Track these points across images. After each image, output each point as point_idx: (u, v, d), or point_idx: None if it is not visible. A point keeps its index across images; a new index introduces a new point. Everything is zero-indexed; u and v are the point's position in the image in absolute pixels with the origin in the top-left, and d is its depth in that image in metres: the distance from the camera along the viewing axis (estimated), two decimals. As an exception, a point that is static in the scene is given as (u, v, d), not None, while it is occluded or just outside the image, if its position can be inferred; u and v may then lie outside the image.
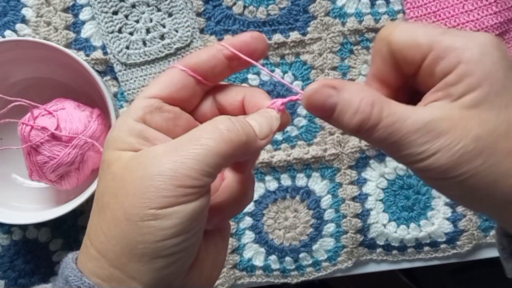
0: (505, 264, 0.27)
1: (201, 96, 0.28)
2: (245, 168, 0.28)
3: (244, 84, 0.50)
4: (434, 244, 0.51)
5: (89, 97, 0.48)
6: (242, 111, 0.27)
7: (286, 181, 0.50)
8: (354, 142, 0.50)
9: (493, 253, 0.51)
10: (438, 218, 0.50)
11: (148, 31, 0.49)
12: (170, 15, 0.49)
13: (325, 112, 0.24)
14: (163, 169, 0.22)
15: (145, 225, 0.22)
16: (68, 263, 0.24)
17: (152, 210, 0.22)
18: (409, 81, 0.26)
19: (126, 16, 0.48)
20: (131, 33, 0.48)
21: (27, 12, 0.49)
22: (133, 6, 0.48)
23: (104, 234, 0.23)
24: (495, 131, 0.22)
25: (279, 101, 0.26)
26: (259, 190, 0.50)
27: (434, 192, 0.51)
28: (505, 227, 0.26)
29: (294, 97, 0.27)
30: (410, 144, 0.23)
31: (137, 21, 0.48)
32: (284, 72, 0.50)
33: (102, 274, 0.23)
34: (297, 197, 0.50)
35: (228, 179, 0.29)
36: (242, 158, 0.26)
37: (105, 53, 0.49)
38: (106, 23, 0.48)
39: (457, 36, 0.23)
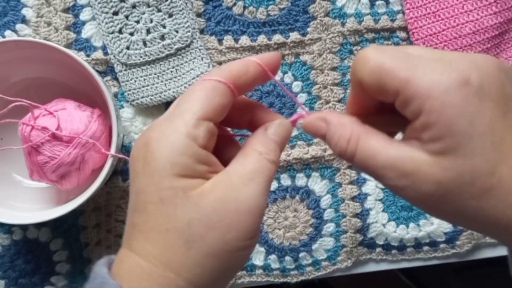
0: None
1: None
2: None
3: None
4: (433, 244, 0.51)
5: (90, 97, 0.48)
6: (247, 122, 0.30)
7: (286, 181, 0.50)
8: (353, 142, 0.50)
9: (492, 252, 0.51)
10: (438, 218, 0.50)
11: (148, 31, 0.49)
12: (170, 15, 0.49)
13: (320, 137, 0.28)
14: (254, 201, 0.24)
15: (240, 255, 0.24)
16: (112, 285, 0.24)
17: (248, 241, 0.24)
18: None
19: (127, 17, 0.48)
20: (131, 34, 0.49)
21: (28, 12, 0.49)
22: (134, 6, 0.48)
23: (201, 266, 0.24)
24: (458, 179, 0.22)
25: (303, 113, 0.29)
26: (259, 190, 0.50)
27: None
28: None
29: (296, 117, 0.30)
30: (382, 177, 0.25)
31: (137, 22, 0.49)
32: (284, 73, 0.50)
33: None
34: (297, 197, 0.50)
35: None
36: None
37: (106, 54, 0.49)
38: (106, 23, 0.48)
39: (422, 79, 0.23)
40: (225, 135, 0.30)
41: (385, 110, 0.28)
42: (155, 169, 0.24)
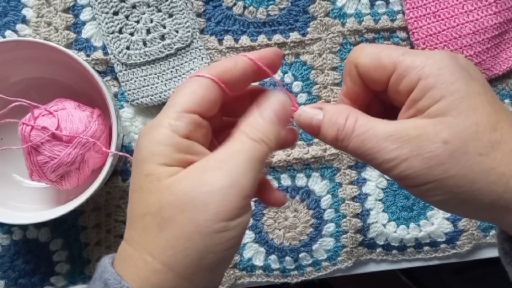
0: (509, 268, 0.27)
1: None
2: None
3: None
4: (433, 244, 0.51)
5: (90, 97, 0.48)
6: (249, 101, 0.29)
7: (286, 181, 0.50)
8: (354, 142, 0.50)
9: (493, 253, 0.51)
10: (438, 218, 0.50)
11: (148, 31, 0.49)
12: (170, 15, 0.49)
13: (312, 128, 0.28)
14: (228, 181, 0.24)
15: (218, 237, 0.23)
16: (109, 271, 0.24)
17: (224, 223, 0.23)
18: (379, 96, 0.29)
19: (127, 17, 0.48)
20: (131, 34, 0.49)
21: (28, 13, 0.49)
22: (134, 6, 0.48)
23: (173, 248, 0.23)
24: (463, 133, 0.23)
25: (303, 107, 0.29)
26: (259, 190, 0.50)
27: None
28: (506, 229, 0.26)
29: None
30: (382, 151, 0.24)
31: (137, 22, 0.49)
32: (284, 73, 0.50)
33: (169, 286, 0.24)
34: (297, 197, 0.50)
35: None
36: None
37: (106, 54, 0.49)
38: (106, 23, 0.48)
39: (417, 55, 0.25)
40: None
41: (374, 108, 0.29)
42: (139, 160, 0.25)
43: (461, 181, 0.23)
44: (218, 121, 0.30)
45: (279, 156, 0.50)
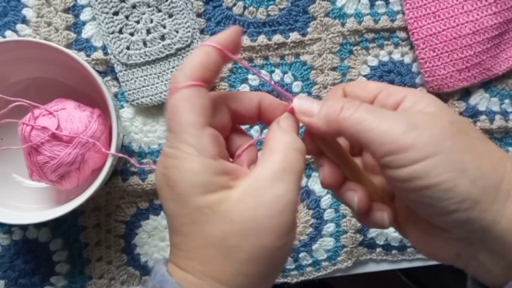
0: None
1: None
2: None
3: (237, 88, 0.50)
4: (433, 244, 0.51)
5: (90, 97, 0.48)
6: (257, 113, 0.30)
7: (286, 181, 0.50)
8: (353, 142, 0.50)
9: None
10: (438, 218, 0.50)
11: (148, 31, 0.49)
12: (170, 15, 0.49)
13: (308, 119, 0.28)
14: (284, 202, 0.24)
15: (281, 252, 0.25)
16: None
17: (284, 239, 0.25)
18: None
19: (127, 17, 0.48)
20: (131, 34, 0.49)
21: (28, 13, 0.49)
22: (134, 6, 0.48)
23: (242, 273, 0.24)
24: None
25: (295, 100, 0.29)
26: (259, 190, 0.50)
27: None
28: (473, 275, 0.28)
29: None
30: (386, 133, 0.25)
31: (137, 22, 0.49)
32: (284, 73, 0.50)
33: None
34: (297, 197, 0.50)
35: None
36: None
37: (106, 54, 0.49)
38: (106, 23, 0.48)
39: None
40: (236, 130, 0.30)
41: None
42: (179, 194, 0.25)
43: (468, 160, 0.25)
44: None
45: (279, 156, 0.50)
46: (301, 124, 0.29)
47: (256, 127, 0.50)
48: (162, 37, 0.49)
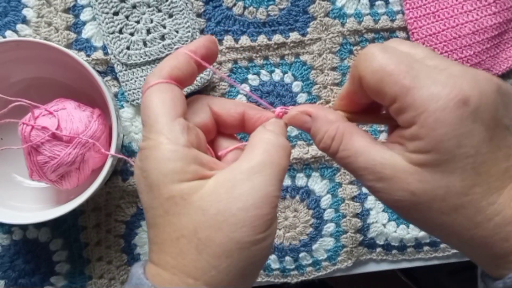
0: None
1: None
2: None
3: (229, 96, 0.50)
4: (433, 244, 0.51)
5: (90, 97, 0.48)
6: (241, 121, 0.29)
7: (286, 181, 0.50)
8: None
9: (492, 252, 0.51)
10: (438, 218, 0.50)
11: (148, 31, 0.49)
12: (170, 15, 0.49)
13: (305, 131, 0.28)
14: (260, 194, 0.24)
15: (257, 248, 0.24)
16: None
17: (261, 235, 0.24)
18: None
19: (127, 17, 0.49)
20: (131, 34, 0.49)
21: (28, 13, 0.49)
22: (134, 6, 0.49)
23: (215, 267, 0.23)
24: (432, 193, 0.23)
25: (278, 109, 0.29)
26: (259, 190, 0.50)
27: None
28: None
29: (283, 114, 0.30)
30: (360, 177, 0.25)
31: (137, 22, 0.49)
32: (284, 73, 0.50)
33: None
34: (297, 197, 0.50)
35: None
36: None
37: (106, 54, 0.49)
38: (106, 23, 0.48)
39: (422, 91, 0.23)
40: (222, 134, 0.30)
41: (374, 107, 0.29)
42: (151, 184, 0.25)
43: (422, 226, 0.25)
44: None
45: (279, 156, 0.50)
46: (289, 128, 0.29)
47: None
48: (162, 37, 0.49)
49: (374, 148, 0.25)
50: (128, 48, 0.49)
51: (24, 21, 0.49)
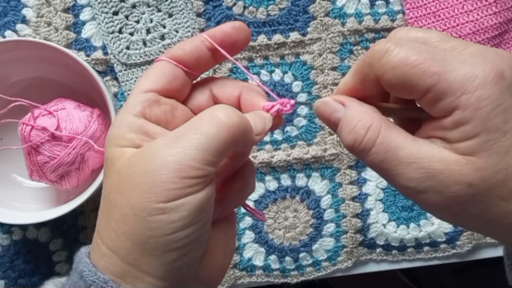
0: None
1: (190, 85, 0.28)
2: (242, 159, 0.29)
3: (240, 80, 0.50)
4: (434, 244, 0.51)
5: (90, 97, 0.48)
6: (238, 106, 0.28)
7: (286, 181, 0.50)
8: (354, 142, 0.50)
9: (493, 253, 0.51)
10: (438, 218, 0.50)
11: (148, 31, 0.49)
12: (170, 15, 0.49)
13: (330, 124, 0.26)
14: (166, 162, 0.22)
15: (154, 220, 0.22)
16: (81, 258, 0.24)
17: (159, 204, 0.21)
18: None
19: (127, 17, 0.48)
20: (131, 34, 0.49)
21: (28, 13, 0.49)
22: (134, 6, 0.48)
23: (114, 231, 0.23)
24: (491, 179, 0.21)
25: (271, 104, 0.27)
26: (259, 190, 0.50)
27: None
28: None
29: (285, 109, 0.28)
30: (401, 175, 0.23)
31: (137, 22, 0.49)
32: (284, 72, 0.50)
33: (115, 270, 0.23)
34: (297, 197, 0.50)
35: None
36: (239, 148, 0.25)
37: (106, 53, 0.49)
38: (106, 23, 0.48)
39: (456, 73, 0.21)
40: None
41: (386, 98, 0.27)
42: (106, 146, 0.26)
43: (477, 221, 0.23)
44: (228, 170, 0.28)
45: (279, 156, 0.50)
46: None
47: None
48: (162, 37, 0.49)
49: (416, 141, 0.23)
50: (127, 48, 0.48)
51: (24, 21, 0.49)
